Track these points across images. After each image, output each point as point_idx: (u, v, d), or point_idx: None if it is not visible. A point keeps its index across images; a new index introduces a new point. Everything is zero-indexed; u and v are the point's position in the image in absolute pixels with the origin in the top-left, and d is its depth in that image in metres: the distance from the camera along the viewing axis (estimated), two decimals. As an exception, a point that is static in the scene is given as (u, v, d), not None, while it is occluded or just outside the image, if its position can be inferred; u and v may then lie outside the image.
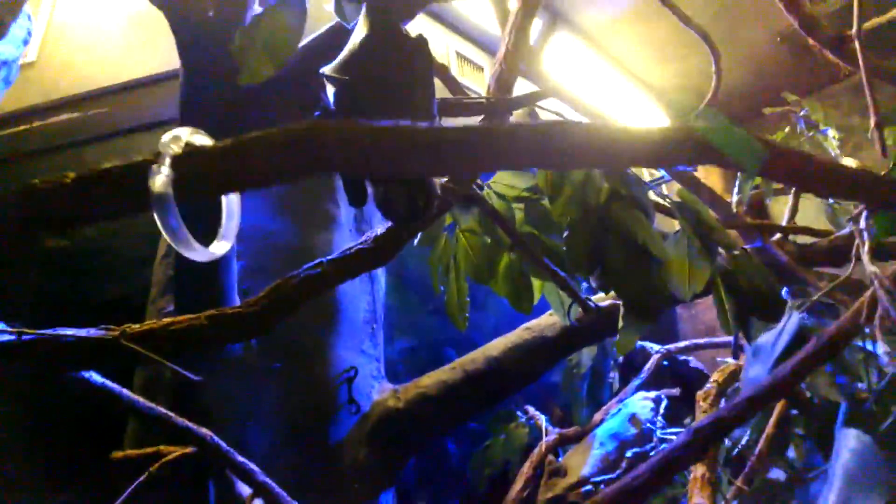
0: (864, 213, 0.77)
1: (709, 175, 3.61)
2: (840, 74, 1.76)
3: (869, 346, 0.68)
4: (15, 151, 1.70)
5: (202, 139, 0.51)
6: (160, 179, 0.46)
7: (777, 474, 0.72)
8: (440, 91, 1.46)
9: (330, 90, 0.84)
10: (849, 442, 0.58)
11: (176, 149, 0.47)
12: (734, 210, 1.78)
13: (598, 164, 0.97)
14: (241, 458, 1.18)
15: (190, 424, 1.13)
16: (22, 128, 1.72)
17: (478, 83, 2.53)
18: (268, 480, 1.17)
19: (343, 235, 1.81)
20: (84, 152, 1.76)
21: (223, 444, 1.18)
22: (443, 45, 2.41)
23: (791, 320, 0.75)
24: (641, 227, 1.12)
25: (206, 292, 1.35)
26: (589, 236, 1.11)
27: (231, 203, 0.76)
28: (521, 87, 1.46)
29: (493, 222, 1.33)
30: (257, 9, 0.98)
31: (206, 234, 0.71)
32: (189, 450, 1.31)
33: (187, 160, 0.47)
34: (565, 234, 1.15)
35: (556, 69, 2.47)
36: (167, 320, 0.90)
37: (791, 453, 0.88)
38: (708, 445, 0.61)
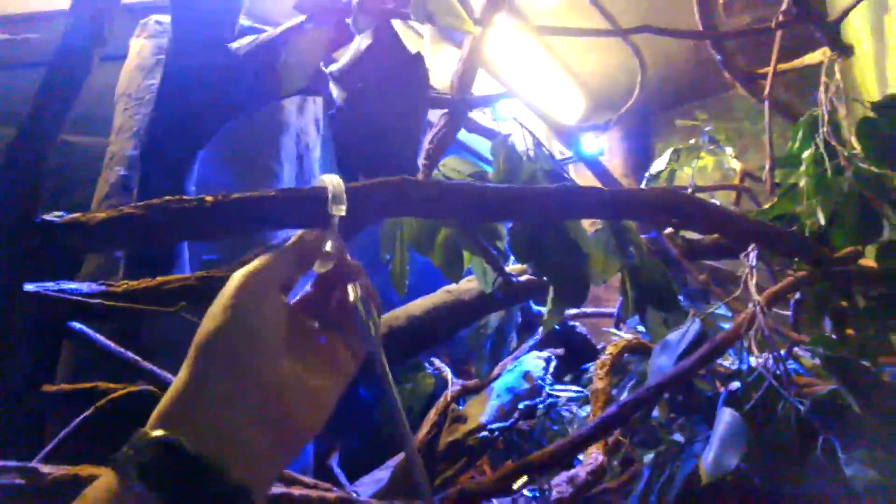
0: (755, 251, 1.00)
1: (612, 158, 3.93)
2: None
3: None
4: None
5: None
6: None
7: (677, 437, 0.97)
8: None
9: (335, 89, 0.94)
10: (725, 417, 0.82)
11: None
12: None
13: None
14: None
15: (153, 367, 1.21)
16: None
17: (415, 48, 2.62)
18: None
19: (284, 191, 1.89)
20: (16, 77, 1.70)
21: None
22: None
23: (693, 325, 0.97)
24: (574, 226, 1.32)
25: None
26: (530, 231, 1.29)
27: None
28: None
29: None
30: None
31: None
32: (135, 388, 1.38)
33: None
34: (509, 226, 1.33)
35: (496, 49, 2.61)
36: (161, 279, 0.98)
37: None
38: (630, 416, 0.83)
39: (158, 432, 0.42)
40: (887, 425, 0.83)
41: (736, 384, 0.93)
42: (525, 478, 0.91)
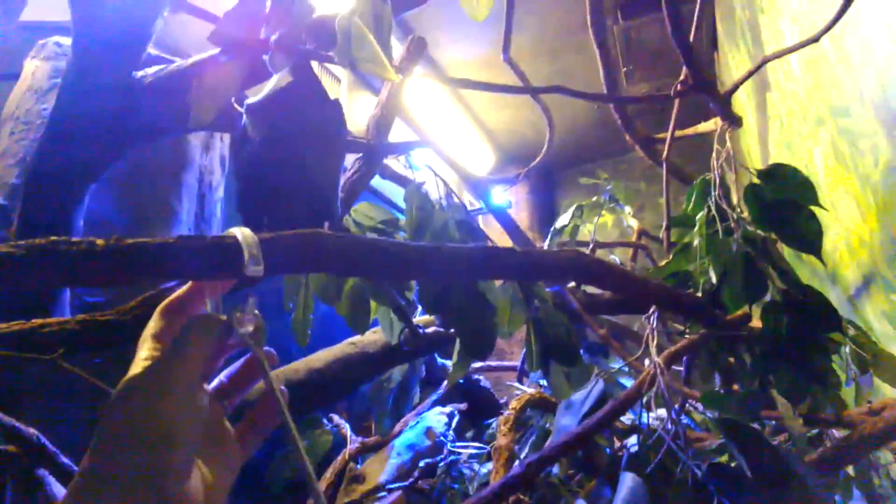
0: (656, 314, 1.04)
1: (519, 211, 4.05)
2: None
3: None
4: None
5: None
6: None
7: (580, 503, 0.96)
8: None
9: (250, 123, 0.90)
10: (627, 481, 0.82)
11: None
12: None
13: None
14: (66, 460, 1.15)
15: (18, 424, 1.08)
16: None
17: (333, 93, 2.61)
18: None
19: (181, 231, 1.79)
20: None
21: (49, 444, 1.14)
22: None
23: (597, 385, 0.99)
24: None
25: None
26: (439, 284, 1.28)
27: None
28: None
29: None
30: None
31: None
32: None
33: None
34: (419, 276, 1.31)
35: (413, 100, 2.65)
36: (37, 322, 0.88)
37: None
38: (534, 477, 0.81)
39: None
40: (771, 487, 0.86)
41: (635, 445, 0.95)
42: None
